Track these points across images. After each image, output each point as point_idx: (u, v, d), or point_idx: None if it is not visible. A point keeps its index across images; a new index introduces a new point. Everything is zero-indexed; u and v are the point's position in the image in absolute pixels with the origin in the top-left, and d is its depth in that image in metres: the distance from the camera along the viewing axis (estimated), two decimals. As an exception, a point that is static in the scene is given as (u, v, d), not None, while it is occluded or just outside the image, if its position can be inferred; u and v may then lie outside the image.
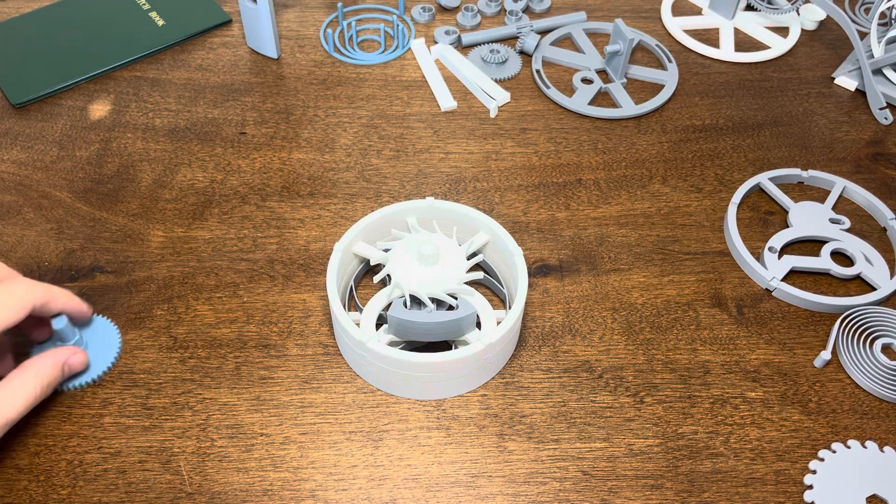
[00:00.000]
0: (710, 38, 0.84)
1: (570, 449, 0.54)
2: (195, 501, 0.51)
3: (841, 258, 0.65)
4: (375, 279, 0.58)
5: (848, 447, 0.55)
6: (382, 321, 0.58)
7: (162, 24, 0.82)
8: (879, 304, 0.62)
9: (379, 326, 0.58)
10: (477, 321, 0.57)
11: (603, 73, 0.80)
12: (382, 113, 0.75)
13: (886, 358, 0.58)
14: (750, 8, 0.87)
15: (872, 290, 0.63)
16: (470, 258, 0.58)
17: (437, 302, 0.56)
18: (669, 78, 0.79)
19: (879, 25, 0.79)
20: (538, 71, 0.79)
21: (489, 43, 0.81)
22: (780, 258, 0.64)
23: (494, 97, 0.76)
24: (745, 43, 0.84)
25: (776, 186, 0.70)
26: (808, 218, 0.67)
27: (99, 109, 0.74)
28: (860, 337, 0.60)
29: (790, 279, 0.63)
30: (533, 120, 0.75)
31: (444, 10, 0.86)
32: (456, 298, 0.56)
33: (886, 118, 0.76)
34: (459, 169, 0.71)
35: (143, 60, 0.79)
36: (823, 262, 0.64)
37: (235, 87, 0.77)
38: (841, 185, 0.70)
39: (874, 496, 0.52)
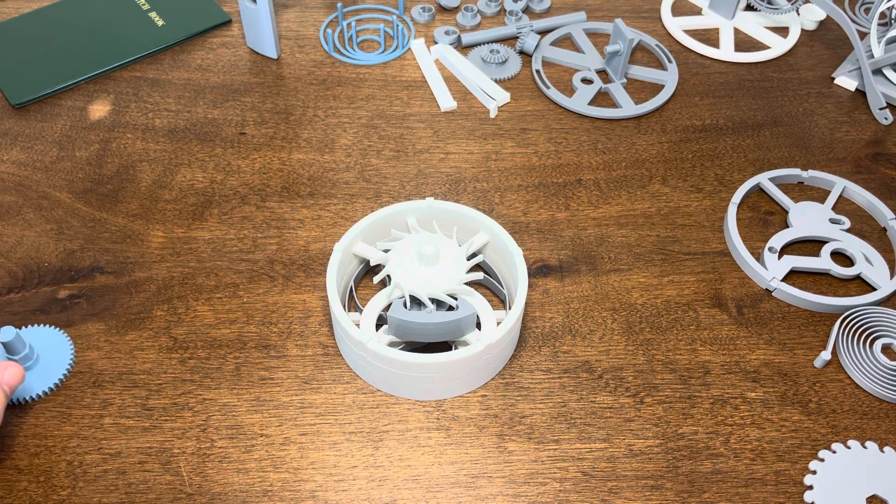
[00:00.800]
0: (709, 38, 0.84)
1: (570, 449, 0.54)
2: (195, 502, 0.51)
3: (841, 258, 0.65)
4: (375, 280, 0.58)
5: (848, 447, 0.54)
6: (382, 322, 0.58)
7: (162, 24, 0.82)
8: (879, 304, 0.62)
9: (379, 327, 0.57)
10: (477, 322, 0.57)
11: (603, 73, 0.80)
12: (382, 113, 0.75)
13: (886, 358, 0.58)
14: (750, 8, 0.87)
15: (872, 290, 0.63)
16: (470, 258, 0.58)
17: (436, 302, 0.56)
18: (669, 78, 0.79)
19: (879, 25, 0.79)
20: (538, 71, 0.79)
21: (489, 43, 0.81)
22: (780, 258, 0.64)
23: (494, 97, 0.76)
24: (745, 43, 0.84)
25: (776, 186, 0.69)
26: (808, 218, 0.67)
27: (99, 110, 0.74)
28: (860, 337, 0.60)
29: (790, 279, 0.63)
30: (533, 120, 0.75)
31: (443, 10, 0.85)
32: (456, 299, 0.56)
33: (886, 118, 0.76)
34: (459, 169, 0.71)
35: (142, 61, 0.79)
36: (823, 262, 0.64)
37: (235, 87, 0.77)
38: (841, 185, 0.69)
39: (874, 496, 0.52)
